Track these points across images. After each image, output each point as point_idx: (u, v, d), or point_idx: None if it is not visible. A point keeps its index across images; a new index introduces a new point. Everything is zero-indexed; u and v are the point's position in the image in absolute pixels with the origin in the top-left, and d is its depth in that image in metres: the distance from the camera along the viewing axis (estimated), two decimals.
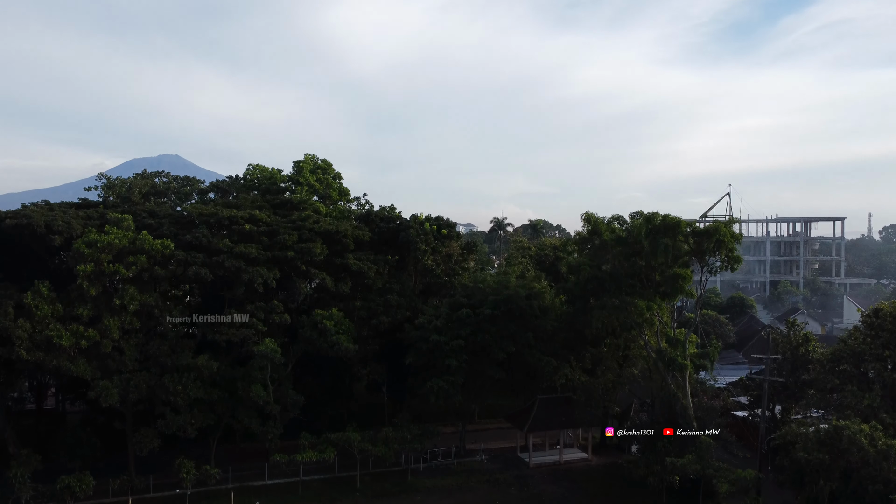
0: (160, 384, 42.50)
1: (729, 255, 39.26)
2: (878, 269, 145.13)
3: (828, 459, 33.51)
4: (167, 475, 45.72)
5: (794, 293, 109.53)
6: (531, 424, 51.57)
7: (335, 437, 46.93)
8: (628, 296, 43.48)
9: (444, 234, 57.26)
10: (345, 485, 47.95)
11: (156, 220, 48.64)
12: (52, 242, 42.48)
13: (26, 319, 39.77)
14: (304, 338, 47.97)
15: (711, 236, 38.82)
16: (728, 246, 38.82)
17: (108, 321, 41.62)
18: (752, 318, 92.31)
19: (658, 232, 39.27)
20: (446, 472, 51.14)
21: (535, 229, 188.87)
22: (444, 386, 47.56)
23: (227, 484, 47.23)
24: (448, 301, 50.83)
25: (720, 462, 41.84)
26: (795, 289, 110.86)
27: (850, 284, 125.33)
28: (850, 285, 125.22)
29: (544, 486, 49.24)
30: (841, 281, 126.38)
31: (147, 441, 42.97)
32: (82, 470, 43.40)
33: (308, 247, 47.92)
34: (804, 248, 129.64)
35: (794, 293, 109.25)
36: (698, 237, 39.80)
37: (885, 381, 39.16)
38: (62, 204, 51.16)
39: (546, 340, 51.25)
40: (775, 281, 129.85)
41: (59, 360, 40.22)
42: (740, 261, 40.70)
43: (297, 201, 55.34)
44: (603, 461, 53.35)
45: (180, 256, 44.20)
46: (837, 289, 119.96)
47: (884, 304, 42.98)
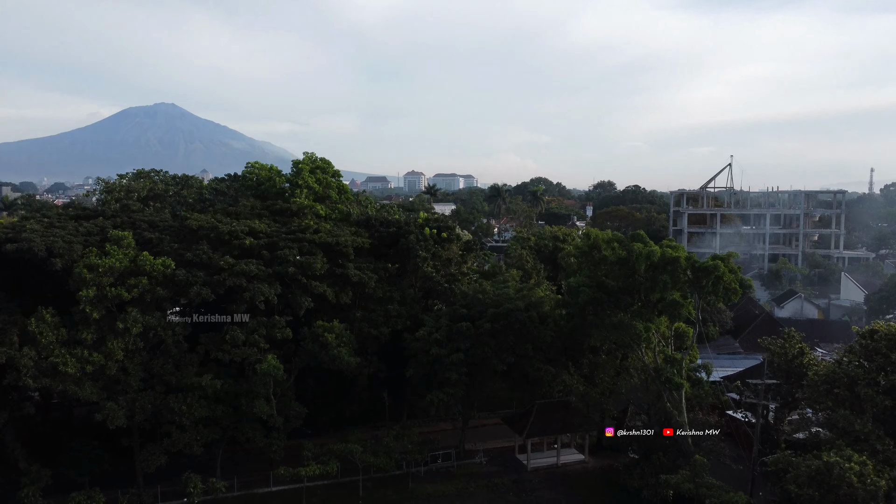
0: (165, 404, 43.28)
1: (727, 289, 39.47)
2: (877, 238, 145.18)
3: (817, 496, 34.43)
4: (174, 482, 46.99)
5: (793, 271, 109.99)
6: (529, 430, 52.65)
7: (337, 448, 48.01)
8: (626, 314, 43.87)
9: (444, 237, 57.27)
10: (347, 493, 49.23)
11: (156, 235, 48.66)
12: (53, 266, 42.60)
13: (31, 347, 40.25)
14: (306, 351, 48.61)
15: (710, 273, 38.95)
16: (726, 282, 39.01)
17: (111, 344, 42.11)
18: (750, 300, 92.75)
19: (657, 268, 39.40)
20: (446, 476, 52.47)
21: (535, 196, 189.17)
22: (445, 398, 48.44)
23: (233, 492, 48.68)
24: (448, 311, 51.23)
25: (712, 479, 42.86)
26: (794, 267, 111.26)
27: (848, 259, 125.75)
28: (848, 259, 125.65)
29: (542, 491, 50.61)
30: (839, 255, 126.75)
31: (153, 459, 43.99)
32: (91, 484, 44.66)
33: (309, 261, 48.10)
34: (804, 221, 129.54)
35: (792, 271, 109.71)
36: (697, 273, 39.92)
37: (877, 406, 39.83)
38: (61, 216, 51.01)
39: (545, 349, 51.85)
40: (775, 254, 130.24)
41: (66, 385, 40.90)
42: (739, 292, 40.95)
43: (296, 209, 55.23)
44: (599, 463, 54.64)
45: (181, 277, 44.39)
46: (836, 264, 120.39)
47: (879, 325, 43.27)
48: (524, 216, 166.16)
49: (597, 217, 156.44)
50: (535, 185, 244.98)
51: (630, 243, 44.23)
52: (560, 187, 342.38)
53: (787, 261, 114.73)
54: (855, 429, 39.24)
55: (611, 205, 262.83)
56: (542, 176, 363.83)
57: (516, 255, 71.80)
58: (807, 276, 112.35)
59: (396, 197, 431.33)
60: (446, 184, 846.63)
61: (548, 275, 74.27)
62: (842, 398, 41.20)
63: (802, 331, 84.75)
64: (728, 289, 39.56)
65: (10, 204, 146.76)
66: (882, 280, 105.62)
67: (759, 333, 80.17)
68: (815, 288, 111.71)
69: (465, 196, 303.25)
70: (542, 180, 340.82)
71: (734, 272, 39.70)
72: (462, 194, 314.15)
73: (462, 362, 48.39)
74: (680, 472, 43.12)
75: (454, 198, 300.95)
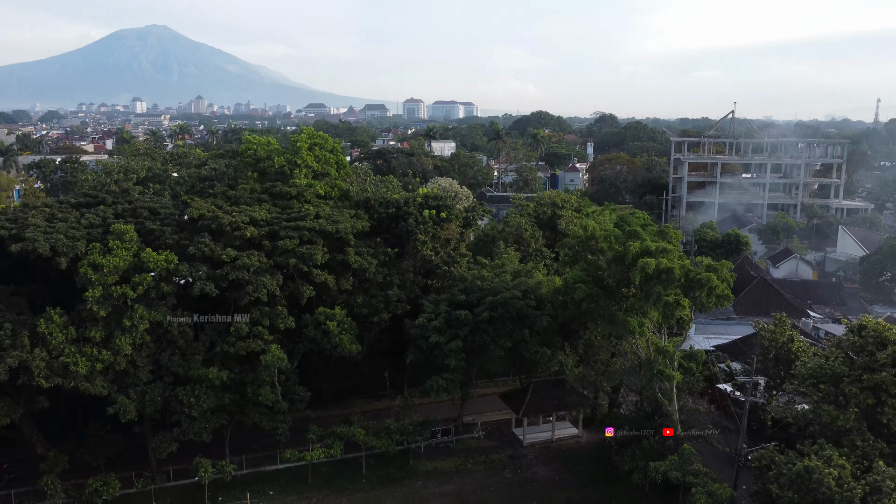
0: (174, 396, 44.87)
1: (719, 296, 40.30)
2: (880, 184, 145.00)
3: (797, 498, 36.33)
4: (185, 461, 49.28)
5: (790, 225, 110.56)
6: (525, 409, 54.61)
7: (341, 431, 50.00)
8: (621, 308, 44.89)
9: (444, 217, 57.65)
10: (351, 470, 51.56)
11: (158, 226, 49.05)
12: (57, 265, 43.30)
13: (42, 347, 41.43)
14: (309, 338, 49.91)
15: (704, 286, 39.68)
16: (718, 292, 39.82)
17: (119, 340, 43.28)
18: (746, 258, 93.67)
19: (651, 278, 40.07)
20: (445, 452, 54.77)
21: (535, 139, 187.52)
22: (444, 384, 50.10)
23: (241, 469, 51.07)
24: (447, 297, 52.23)
25: (699, 466, 44.84)
26: (791, 220, 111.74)
27: (847, 210, 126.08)
28: (847, 210, 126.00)
29: (537, 467, 53.00)
30: (838, 205, 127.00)
31: (165, 446, 45.92)
32: (106, 469, 46.90)
33: (309, 252, 48.74)
34: (804, 171, 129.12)
35: (789, 225, 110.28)
36: (691, 283, 40.63)
37: (860, 404, 41.34)
38: (63, 203, 51.13)
39: (541, 333, 53.13)
40: (774, 204, 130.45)
41: (77, 382, 42.31)
42: (732, 298, 41.78)
43: (295, 193, 55.39)
44: (592, 438, 56.85)
45: (185, 272, 45.13)
46: (834, 216, 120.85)
47: (867, 320, 44.26)
48: (524, 159, 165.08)
49: (596, 165, 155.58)
50: (535, 128, 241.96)
51: (626, 237, 44.76)
52: (560, 121, 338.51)
53: (784, 214, 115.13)
54: (838, 424, 40.91)
55: (611, 142, 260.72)
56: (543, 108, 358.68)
57: (515, 224, 72.29)
58: (804, 229, 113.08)
59: (395, 129, 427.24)
60: (445, 112, 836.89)
61: (546, 242, 75.11)
62: (827, 393, 42.68)
63: (796, 292, 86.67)
64: (721, 296, 40.42)
65: (6, 150, 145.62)
66: (879, 234, 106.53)
67: (754, 297, 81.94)
68: (812, 241, 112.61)
69: (465, 131, 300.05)
70: (543, 114, 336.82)
71: (726, 280, 40.44)
72: (462, 129, 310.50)
73: (461, 349, 49.77)
74: (669, 458, 45.11)
75: (454, 132, 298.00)
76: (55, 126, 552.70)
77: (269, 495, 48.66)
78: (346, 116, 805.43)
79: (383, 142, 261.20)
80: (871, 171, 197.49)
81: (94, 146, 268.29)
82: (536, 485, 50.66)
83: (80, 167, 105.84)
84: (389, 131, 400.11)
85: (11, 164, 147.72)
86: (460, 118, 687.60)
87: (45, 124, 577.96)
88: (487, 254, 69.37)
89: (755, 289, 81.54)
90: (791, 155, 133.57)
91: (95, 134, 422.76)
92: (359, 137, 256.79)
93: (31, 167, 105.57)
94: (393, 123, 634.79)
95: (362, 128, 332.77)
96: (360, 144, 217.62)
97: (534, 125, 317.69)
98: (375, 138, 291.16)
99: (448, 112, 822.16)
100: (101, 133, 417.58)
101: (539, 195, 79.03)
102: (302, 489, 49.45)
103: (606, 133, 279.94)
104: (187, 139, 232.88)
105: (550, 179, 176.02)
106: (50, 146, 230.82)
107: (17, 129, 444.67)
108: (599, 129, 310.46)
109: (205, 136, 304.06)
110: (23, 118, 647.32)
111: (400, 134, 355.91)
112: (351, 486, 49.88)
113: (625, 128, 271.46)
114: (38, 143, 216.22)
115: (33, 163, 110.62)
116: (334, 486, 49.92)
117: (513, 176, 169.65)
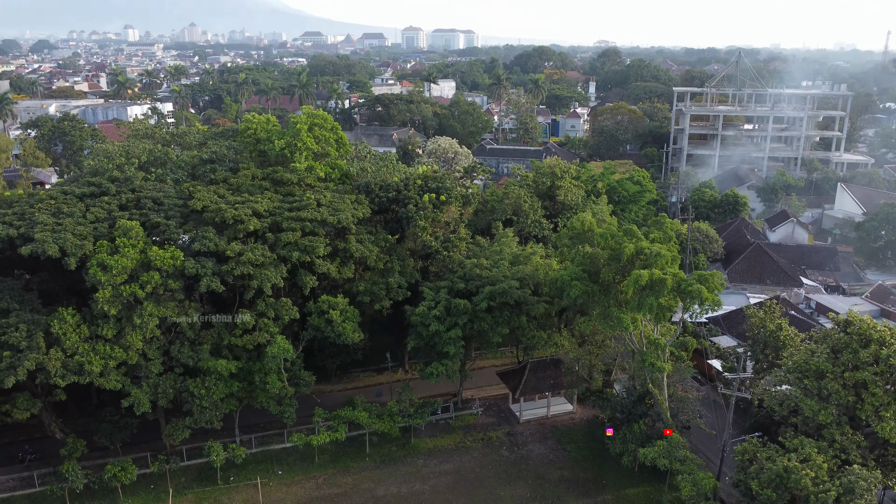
0: (185, 387, 46.84)
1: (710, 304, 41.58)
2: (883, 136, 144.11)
3: (775, 497, 38.70)
4: (198, 440, 51.86)
5: (789, 182, 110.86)
6: (522, 389, 56.80)
7: (345, 414, 52.28)
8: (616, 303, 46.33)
9: (443, 199, 58.32)
10: (356, 448, 54.15)
11: (162, 217, 49.82)
12: (67, 266, 44.45)
13: (57, 348, 43.07)
14: (313, 326, 51.54)
15: (694, 297, 40.86)
16: (708, 303, 41.06)
17: (130, 337, 44.88)
18: (743, 221, 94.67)
19: (644, 289, 41.21)
20: (445, 429, 57.32)
21: (535, 84, 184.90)
22: (443, 370, 52.07)
23: (251, 448, 53.70)
24: (446, 285, 53.53)
25: (687, 452, 47.19)
26: (790, 178, 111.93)
27: (847, 164, 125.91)
28: (847, 165, 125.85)
29: (532, 444, 55.63)
30: (839, 159, 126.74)
31: (178, 433, 48.22)
32: (123, 450, 49.43)
33: (312, 244, 49.76)
34: (806, 123, 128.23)
35: (788, 183, 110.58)
36: (682, 294, 41.78)
37: (841, 400, 43.27)
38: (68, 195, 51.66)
39: (538, 318, 54.73)
40: (775, 157, 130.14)
41: (92, 378, 44.17)
42: (721, 305, 43.06)
43: (296, 180, 55.91)
44: (586, 414, 59.33)
45: (191, 269, 46.27)
46: (834, 171, 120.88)
47: (854, 316, 45.67)
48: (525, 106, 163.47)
49: (597, 115, 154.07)
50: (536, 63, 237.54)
51: (622, 236, 45.75)
52: (563, 56, 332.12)
53: (784, 171, 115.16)
54: (818, 419, 42.99)
55: (614, 80, 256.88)
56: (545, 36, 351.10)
57: (514, 196, 72.95)
58: (803, 187, 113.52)
59: (394, 63, 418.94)
60: (445, 40, 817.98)
61: (545, 213, 75.96)
62: (810, 388, 44.58)
63: (791, 257, 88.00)
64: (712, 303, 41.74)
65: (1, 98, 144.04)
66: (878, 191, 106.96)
67: (749, 264, 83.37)
68: (810, 197, 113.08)
69: (465, 68, 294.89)
70: (545, 49, 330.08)
71: (716, 290, 41.66)
72: (462, 66, 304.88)
73: (460, 337, 51.48)
74: (657, 444, 47.46)
75: (453, 70, 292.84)
76: (46, 57, 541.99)
77: (277, 475, 51.38)
78: (343, 45, 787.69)
79: (382, 81, 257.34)
80: (875, 113, 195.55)
81: (87, 85, 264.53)
82: (532, 463, 53.37)
83: (76, 125, 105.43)
84: (388, 66, 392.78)
85: (7, 112, 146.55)
86: (461, 49, 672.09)
87: (37, 55, 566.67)
88: (486, 228, 70.39)
89: (750, 256, 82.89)
90: (793, 107, 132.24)
91: (88, 67, 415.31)
92: (357, 77, 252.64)
93: (29, 126, 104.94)
94: (392, 54, 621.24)
95: (360, 63, 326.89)
96: (358, 86, 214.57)
97: (535, 61, 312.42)
98: (374, 76, 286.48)
99: (448, 41, 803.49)
100: (93, 67, 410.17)
101: (538, 165, 79.20)
102: (308, 469, 52.16)
103: (609, 71, 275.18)
104: (182, 80, 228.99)
105: (551, 126, 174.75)
106: (43, 87, 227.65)
107: (9, 61, 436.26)
108: (602, 66, 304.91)
109: (201, 73, 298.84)
110: (13, 48, 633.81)
111: (399, 70, 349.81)
112: (355, 466, 52.57)
113: (627, 66, 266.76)
114: (32, 85, 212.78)
115: (31, 120, 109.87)
116: (339, 465, 52.60)
117: (513, 123, 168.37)
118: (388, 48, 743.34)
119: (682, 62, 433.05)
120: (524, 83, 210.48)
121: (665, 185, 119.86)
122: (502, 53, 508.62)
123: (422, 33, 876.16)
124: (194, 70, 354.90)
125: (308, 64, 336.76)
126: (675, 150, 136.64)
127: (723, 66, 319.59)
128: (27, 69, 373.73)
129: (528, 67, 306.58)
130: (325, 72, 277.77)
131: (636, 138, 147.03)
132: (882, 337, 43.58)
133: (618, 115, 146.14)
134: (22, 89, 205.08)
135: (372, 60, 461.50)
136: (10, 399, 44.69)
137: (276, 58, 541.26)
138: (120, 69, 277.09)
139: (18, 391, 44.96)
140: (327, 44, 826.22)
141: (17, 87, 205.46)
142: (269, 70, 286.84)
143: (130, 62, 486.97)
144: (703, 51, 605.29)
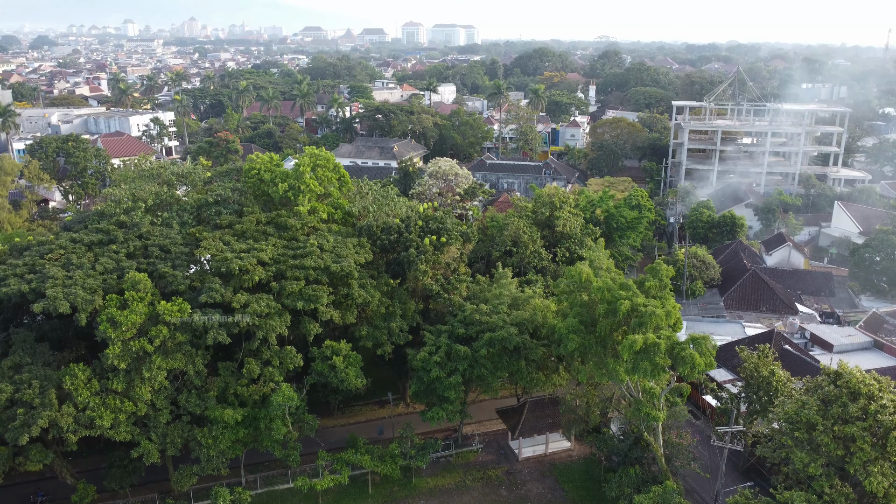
0: (193, 437, 48.15)
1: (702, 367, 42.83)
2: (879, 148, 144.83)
3: None
4: (205, 481, 53.25)
5: (786, 201, 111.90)
6: (521, 429, 58.12)
7: (348, 457, 53.59)
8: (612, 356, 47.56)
9: (444, 241, 59.42)
10: (358, 488, 55.48)
11: (170, 267, 50.94)
12: (77, 322, 45.68)
13: (69, 403, 44.35)
14: (317, 371, 52.80)
15: (686, 363, 42.08)
16: (700, 369, 42.28)
17: (139, 389, 46.16)
18: (740, 244, 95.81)
19: (639, 353, 42.45)
20: (445, 467, 58.65)
21: (536, 94, 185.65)
22: (444, 414, 53.40)
23: (256, 489, 55.08)
24: (447, 330, 54.75)
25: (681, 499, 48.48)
26: (787, 198, 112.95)
27: (844, 180, 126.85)
28: (844, 181, 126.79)
29: (531, 484, 57.00)
30: (836, 175, 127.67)
31: (186, 479, 49.60)
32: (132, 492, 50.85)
33: (315, 293, 50.92)
34: (804, 138, 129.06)
35: (785, 202, 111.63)
36: (675, 359, 43.01)
37: (830, 453, 44.54)
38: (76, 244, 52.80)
39: (536, 360, 55.97)
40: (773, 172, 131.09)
41: (103, 431, 45.47)
42: (714, 366, 44.30)
43: (299, 225, 57.08)
44: (583, 452, 60.68)
45: (198, 322, 47.48)
46: (831, 188, 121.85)
47: (844, 366, 46.86)
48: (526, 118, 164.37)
49: (596, 128, 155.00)
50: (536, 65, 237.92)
51: (618, 290, 46.91)
52: (563, 57, 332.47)
53: (781, 191, 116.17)
54: (808, 471, 44.29)
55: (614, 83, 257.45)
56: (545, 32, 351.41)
57: (514, 227, 74.02)
58: (800, 206, 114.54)
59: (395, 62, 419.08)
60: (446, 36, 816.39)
61: (544, 243, 77.06)
62: (800, 440, 45.85)
63: (787, 282, 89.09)
64: (704, 369, 42.98)
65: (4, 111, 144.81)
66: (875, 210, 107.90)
67: (745, 292, 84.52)
68: (807, 215, 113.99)
69: (466, 70, 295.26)
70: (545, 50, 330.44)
71: (708, 354, 42.86)
72: (462, 68, 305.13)
73: (460, 383, 52.76)
74: (653, 491, 48.74)
75: (454, 73, 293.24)
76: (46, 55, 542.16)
77: None
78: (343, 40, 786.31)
79: (383, 84, 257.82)
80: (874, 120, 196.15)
81: (89, 88, 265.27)
82: (531, 501, 54.74)
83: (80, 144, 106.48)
84: (388, 65, 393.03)
85: (10, 124, 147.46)
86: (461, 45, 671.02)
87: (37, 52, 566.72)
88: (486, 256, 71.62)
89: (746, 283, 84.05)
90: (791, 121, 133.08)
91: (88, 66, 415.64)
92: (358, 80, 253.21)
93: (34, 148, 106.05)
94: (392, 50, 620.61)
95: (361, 63, 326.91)
96: (359, 92, 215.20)
97: (535, 62, 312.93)
98: (375, 78, 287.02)
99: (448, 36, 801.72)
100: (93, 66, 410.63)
101: (537, 193, 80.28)
102: None
103: (609, 74, 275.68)
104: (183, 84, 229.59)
105: (551, 135, 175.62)
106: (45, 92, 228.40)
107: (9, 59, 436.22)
108: (602, 67, 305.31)
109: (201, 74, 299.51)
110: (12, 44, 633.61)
111: (399, 70, 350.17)
112: None
113: (627, 69, 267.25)
114: (33, 91, 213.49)
115: (35, 141, 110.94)
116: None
117: (514, 132, 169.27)
118: (389, 43, 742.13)
119: (682, 59, 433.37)
120: (524, 86, 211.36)
121: (664, 202, 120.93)
122: (502, 51, 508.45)
123: (422, 28, 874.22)
124: (194, 70, 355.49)
125: (308, 65, 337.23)
126: (673, 164, 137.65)
127: (723, 65, 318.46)
128: (27, 68, 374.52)
129: (528, 69, 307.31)
130: (325, 74, 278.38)
131: (635, 150, 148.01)
132: (871, 391, 44.74)
133: (617, 129, 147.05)
134: (24, 96, 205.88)
135: (372, 58, 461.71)
136: (24, 451, 45.96)
137: (276, 54, 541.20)
138: (120, 72, 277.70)
139: (31, 443, 46.22)
140: (327, 39, 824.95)
141: (19, 93, 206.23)
142: (269, 73, 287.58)
143: (130, 59, 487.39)
144: (704, 47, 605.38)
